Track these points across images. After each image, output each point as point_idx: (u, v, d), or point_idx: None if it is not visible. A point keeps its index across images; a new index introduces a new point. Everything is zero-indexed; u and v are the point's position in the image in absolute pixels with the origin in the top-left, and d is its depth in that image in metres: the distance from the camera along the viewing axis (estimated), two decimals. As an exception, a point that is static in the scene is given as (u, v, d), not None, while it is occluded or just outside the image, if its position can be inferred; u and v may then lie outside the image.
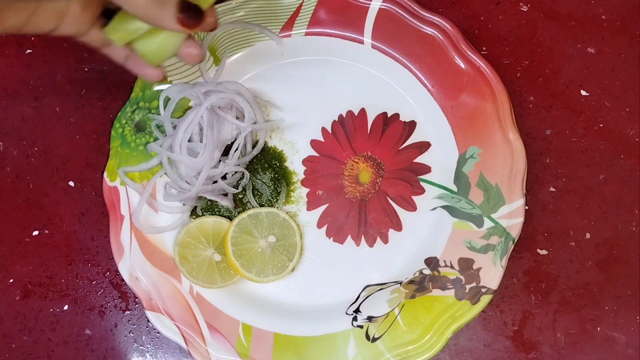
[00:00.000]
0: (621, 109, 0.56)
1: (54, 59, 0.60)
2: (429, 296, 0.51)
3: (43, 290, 0.56)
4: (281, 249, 0.53)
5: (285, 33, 0.56)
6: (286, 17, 0.56)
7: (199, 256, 0.52)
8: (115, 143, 0.55)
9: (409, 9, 0.54)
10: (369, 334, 0.51)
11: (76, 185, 0.57)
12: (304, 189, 0.55)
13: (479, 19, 0.58)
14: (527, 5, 0.58)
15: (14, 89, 0.59)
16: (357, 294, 0.53)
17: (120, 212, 0.53)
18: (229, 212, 0.54)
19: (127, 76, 0.59)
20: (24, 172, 0.58)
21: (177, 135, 0.51)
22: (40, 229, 0.57)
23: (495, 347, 0.53)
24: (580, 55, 0.57)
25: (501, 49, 0.58)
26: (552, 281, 0.53)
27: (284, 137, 0.56)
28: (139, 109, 0.55)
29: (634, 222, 0.54)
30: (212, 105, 0.51)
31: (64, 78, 0.59)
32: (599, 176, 0.55)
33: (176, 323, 0.51)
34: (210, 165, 0.51)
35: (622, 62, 0.56)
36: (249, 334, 0.51)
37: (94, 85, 0.59)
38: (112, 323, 0.55)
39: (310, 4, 0.56)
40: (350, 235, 0.54)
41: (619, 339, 0.52)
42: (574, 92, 0.56)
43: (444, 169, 0.54)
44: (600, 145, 0.55)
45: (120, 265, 0.52)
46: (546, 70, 0.57)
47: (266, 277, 0.52)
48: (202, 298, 0.52)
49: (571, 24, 0.57)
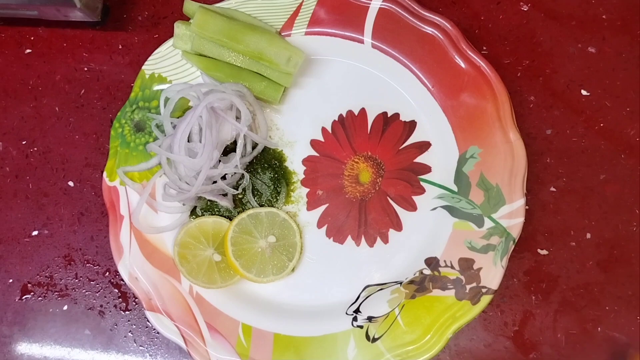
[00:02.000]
0: (622, 109, 0.56)
1: (53, 59, 0.60)
2: (429, 296, 0.51)
3: (43, 290, 0.56)
4: (281, 249, 0.53)
5: (286, 32, 0.56)
6: (286, 16, 0.56)
7: (198, 256, 0.52)
8: (114, 143, 0.55)
9: (409, 8, 0.54)
10: (369, 334, 0.51)
11: (76, 185, 0.57)
12: (304, 188, 0.55)
13: (480, 19, 0.58)
14: (528, 4, 0.58)
15: (13, 89, 0.59)
16: (357, 294, 0.53)
17: (119, 212, 0.53)
18: (228, 212, 0.54)
19: (126, 76, 0.59)
20: (23, 172, 0.58)
21: (176, 135, 0.51)
22: (40, 229, 0.57)
23: (496, 347, 0.53)
24: (581, 54, 0.57)
25: (502, 48, 0.57)
26: (553, 281, 0.53)
27: (284, 137, 0.56)
28: (138, 109, 0.55)
29: (635, 222, 0.54)
30: (211, 106, 0.51)
31: (64, 78, 0.59)
32: (599, 176, 0.55)
33: (176, 323, 0.51)
34: (210, 166, 0.51)
35: (622, 62, 0.56)
36: (248, 334, 0.51)
37: (93, 85, 0.59)
38: (112, 323, 0.55)
39: (310, 4, 0.55)
40: (350, 235, 0.54)
41: (620, 339, 0.52)
42: (575, 92, 0.56)
43: (444, 168, 0.54)
44: (601, 145, 0.55)
45: (119, 265, 0.52)
46: (547, 70, 0.57)
47: (266, 277, 0.52)
48: (201, 298, 0.52)
49: (572, 23, 0.57)
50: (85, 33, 0.60)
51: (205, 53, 0.54)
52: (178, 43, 0.55)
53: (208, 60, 0.54)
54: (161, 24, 0.60)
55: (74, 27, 0.60)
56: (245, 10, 0.55)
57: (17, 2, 0.53)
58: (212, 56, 0.54)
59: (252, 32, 0.52)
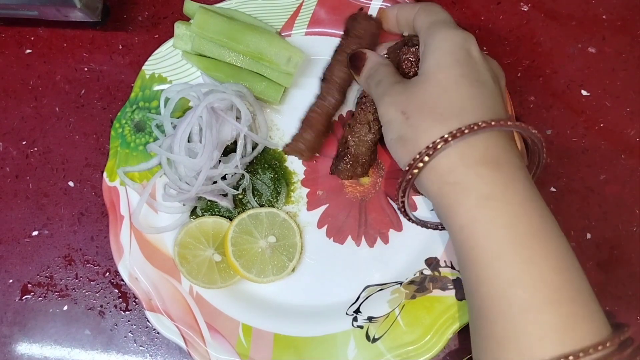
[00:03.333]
0: (622, 109, 0.56)
1: (53, 59, 0.60)
2: (430, 296, 0.51)
3: (43, 290, 0.56)
4: (281, 249, 0.53)
5: (286, 33, 0.56)
6: (286, 16, 0.56)
7: (198, 256, 0.52)
8: (114, 143, 0.55)
9: (409, 8, 0.54)
10: (369, 334, 0.51)
11: (76, 185, 0.57)
12: (304, 189, 0.55)
13: (480, 19, 0.58)
14: (528, 5, 0.58)
15: (14, 89, 0.59)
16: (357, 294, 0.53)
17: (120, 212, 0.53)
18: (228, 213, 0.54)
19: (126, 76, 0.59)
20: (23, 172, 0.58)
21: (176, 136, 0.51)
22: (40, 229, 0.57)
23: (496, 347, 0.52)
24: (581, 55, 0.57)
25: (502, 48, 0.57)
26: (553, 281, 0.53)
27: (284, 137, 0.56)
28: (138, 109, 0.55)
29: (635, 223, 0.54)
30: (212, 106, 0.51)
31: (64, 78, 0.59)
32: (599, 176, 0.55)
33: (176, 323, 0.51)
34: (210, 166, 0.51)
35: (623, 62, 0.56)
36: (248, 334, 0.51)
37: (93, 85, 0.59)
38: (112, 323, 0.55)
39: (310, 4, 0.55)
40: (350, 236, 0.54)
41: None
42: (575, 92, 0.56)
43: (444, 169, 0.54)
44: (601, 145, 0.55)
45: (119, 266, 0.52)
46: (547, 70, 0.57)
47: (266, 278, 0.52)
48: (202, 298, 0.52)
49: (572, 23, 0.57)
50: (86, 33, 0.60)
51: (206, 53, 0.54)
52: (178, 43, 0.55)
53: (208, 61, 0.54)
54: (161, 24, 0.60)
55: (74, 27, 0.60)
56: (245, 11, 0.55)
57: (17, 2, 0.53)
58: (212, 56, 0.54)
59: (252, 32, 0.52)
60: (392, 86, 0.45)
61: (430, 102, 0.42)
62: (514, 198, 0.40)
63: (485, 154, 0.40)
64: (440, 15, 0.46)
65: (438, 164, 0.41)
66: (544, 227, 0.40)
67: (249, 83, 0.54)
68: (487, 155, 0.40)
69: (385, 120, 0.45)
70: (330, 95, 0.52)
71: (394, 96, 0.45)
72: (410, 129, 0.42)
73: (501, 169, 0.40)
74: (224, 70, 0.54)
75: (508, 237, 0.39)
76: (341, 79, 0.52)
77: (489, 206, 0.40)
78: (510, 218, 0.39)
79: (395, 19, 0.51)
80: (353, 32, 0.52)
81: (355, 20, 0.52)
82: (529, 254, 0.38)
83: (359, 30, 0.52)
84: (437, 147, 0.40)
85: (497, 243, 0.39)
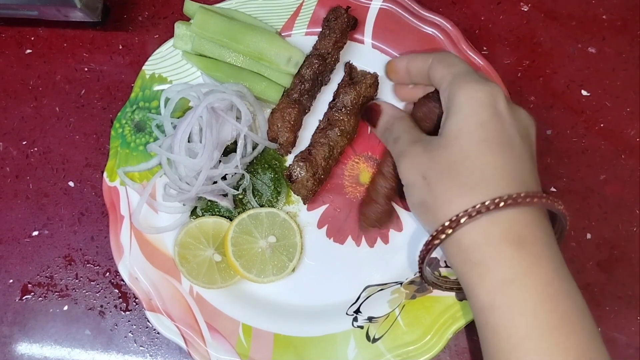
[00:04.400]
0: (622, 109, 0.56)
1: (53, 59, 0.60)
2: (430, 297, 0.51)
3: (43, 290, 0.56)
4: (281, 249, 0.53)
5: (286, 33, 0.56)
6: (286, 16, 0.56)
7: (199, 256, 0.52)
8: (115, 143, 0.55)
9: (409, 8, 0.54)
10: (369, 334, 0.51)
11: (76, 185, 0.57)
12: (304, 189, 0.55)
13: (480, 19, 0.58)
14: (528, 5, 0.58)
15: (14, 89, 0.59)
16: (357, 295, 0.53)
17: (120, 212, 0.53)
18: (229, 213, 0.54)
19: (126, 76, 0.59)
20: (23, 172, 0.58)
21: (176, 136, 0.51)
22: (40, 229, 0.57)
23: (496, 347, 0.53)
24: (581, 55, 0.57)
25: (502, 48, 0.57)
26: (553, 281, 0.53)
27: (284, 137, 0.56)
28: (138, 109, 0.55)
29: (635, 223, 0.54)
30: (212, 106, 0.51)
31: (64, 78, 0.59)
32: (599, 176, 0.55)
33: (176, 323, 0.51)
34: (210, 166, 0.51)
35: (622, 62, 0.56)
36: (249, 334, 0.51)
37: (93, 85, 0.59)
38: (112, 323, 0.55)
39: (310, 4, 0.55)
40: (350, 236, 0.54)
41: (620, 340, 0.52)
42: (575, 92, 0.56)
43: (444, 169, 0.54)
44: (601, 145, 0.55)
45: (120, 266, 0.52)
46: (547, 70, 0.57)
47: (266, 278, 0.52)
48: (202, 298, 0.52)
49: (572, 23, 0.57)
50: (86, 33, 0.60)
51: (206, 53, 0.54)
52: (178, 43, 0.55)
53: (208, 61, 0.54)
54: (161, 24, 0.60)
55: (74, 27, 0.60)
56: (245, 11, 0.55)
57: (17, 2, 0.53)
58: (212, 56, 0.54)
59: (252, 32, 0.52)
60: (411, 145, 0.44)
61: (452, 169, 0.41)
62: (537, 282, 0.38)
63: (509, 231, 0.39)
64: (459, 66, 0.44)
65: (461, 238, 0.40)
66: (568, 312, 0.39)
67: (249, 83, 0.54)
68: (511, 233, 0.39)
69: (406, 183, 0.44)
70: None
71: (413, 157, 0.43)
72: (431, 196, 0.41)
73: (526, 248, 0.39)
74: (224, 70, 0.54)
75: (527, 327, 0.38)
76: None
77: (509, 293, 0.39)
78: (530, 305, 0.38)
79: (405, 70, 0.50)
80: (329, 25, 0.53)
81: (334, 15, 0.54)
82: (547, 346, 0.37)
83: (333, 26, 0.53)
84: (460, 222, 0.39)
85: (516, 332, 0.38)
